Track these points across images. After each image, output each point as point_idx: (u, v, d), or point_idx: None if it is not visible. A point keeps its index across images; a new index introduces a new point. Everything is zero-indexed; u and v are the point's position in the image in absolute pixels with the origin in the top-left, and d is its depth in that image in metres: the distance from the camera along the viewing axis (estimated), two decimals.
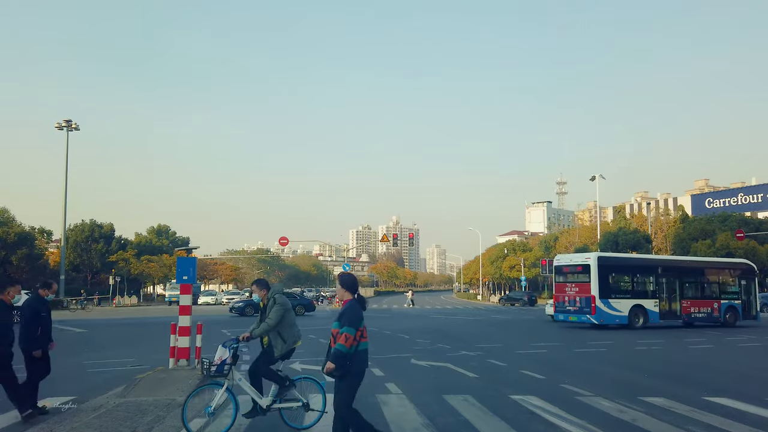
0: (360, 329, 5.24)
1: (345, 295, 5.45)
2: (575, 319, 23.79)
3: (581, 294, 23.50)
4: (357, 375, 5.27)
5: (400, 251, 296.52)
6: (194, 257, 30.02)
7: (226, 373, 6.62)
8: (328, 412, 6.67)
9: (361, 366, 5.30)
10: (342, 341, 5.11)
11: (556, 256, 27.76)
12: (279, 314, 6.89)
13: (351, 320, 5.17)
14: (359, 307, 5.35)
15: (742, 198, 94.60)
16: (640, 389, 9.59)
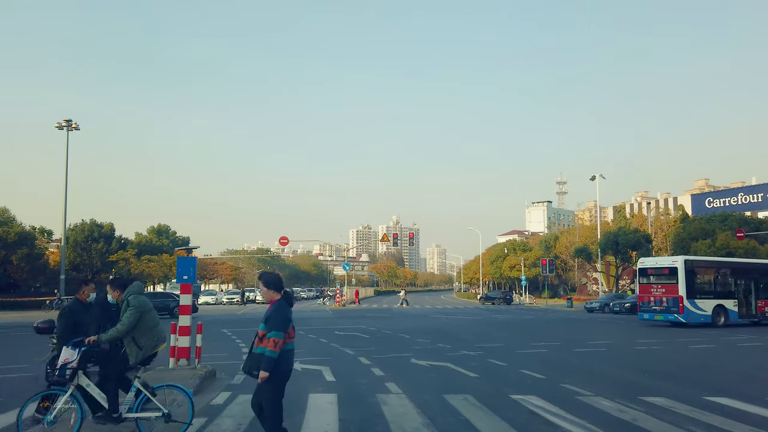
0: (288, 331, 5.15)
1: (272, 296, 5.31)
2: (661, 318, 25.11)
3: (668, 294, 24.92)
4: (282, 375, 5.19)
5: (401, 251, 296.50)
6: (194, 257, 30.01)
7: (69, 378, 6.08)
8: (194, 424, 6.51)
9: (286, 366, 5.22)
10: (271, 346, 5.01)
11: (641, 258, 29.38)
12: (131, 318, 6.40)
13: (278, 324, 5.07)
14: (287, 308, 5.25)
15: (742, 198, 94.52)
16: (641, 389, 9.58)
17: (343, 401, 8.45)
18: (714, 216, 66.47)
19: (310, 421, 7.18)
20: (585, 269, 75.35)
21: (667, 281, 24.98)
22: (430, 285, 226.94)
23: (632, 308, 37.98)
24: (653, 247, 61.10)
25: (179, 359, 10.55)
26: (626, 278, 62.79)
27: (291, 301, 5.34)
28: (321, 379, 10.55)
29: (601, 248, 57.79)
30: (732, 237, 53.60)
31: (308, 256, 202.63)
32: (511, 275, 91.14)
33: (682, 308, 24.18)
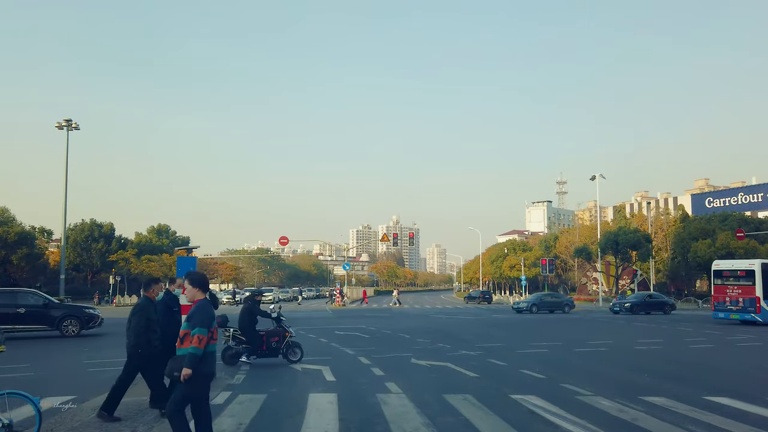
0: (212, 330, 5.07)
1: (196, 295, 5.21)
2: (737, 317, 26.45)
3: (744, 296, 26.51)
4: (202, 377, 5.05)
5: (401, 251, 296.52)
6: (194, 257, 29.97)
7: None
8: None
9: (207, 368, 5.08)
10: (196, 343, 4.93)
11: (715, 261, 30.66)
12: None
13: (202, 321, 4.99)
14: (210, 307, 5.18)
15: (742, 197, 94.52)
16: (641, 389, 9.59)
17: (343, 401, 8.45)
18: (714, 216, 66.48)
19: (310, 421, 7.19)
20: (585, 269, 75.30)
21: (744, 283, 26.49)
22: (430, 285, 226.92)
23: (632, 308, 38.01)
24: (653, 247, 61.09)
25: None
26: (626, 278, 62.75)
27: (216, 303, 5.18)
28: (321, 379, 10.56)
29: (601, 248, 57.76)
30: (732, 237, 53.60)
31: (308, 256, 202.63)
32: (511, 275, 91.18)
33: (759, 308, 25.79)
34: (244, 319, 12.49)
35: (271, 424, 7.15)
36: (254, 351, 12.47)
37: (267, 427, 7.03)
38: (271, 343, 12.52)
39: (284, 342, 12.62)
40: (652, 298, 40.70)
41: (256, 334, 12.47)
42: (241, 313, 12.61)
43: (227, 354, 12.32)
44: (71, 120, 51.62)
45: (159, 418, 7.23)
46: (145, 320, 7.23)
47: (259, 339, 12.47)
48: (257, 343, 12.46)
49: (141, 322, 7.21)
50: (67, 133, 51.53)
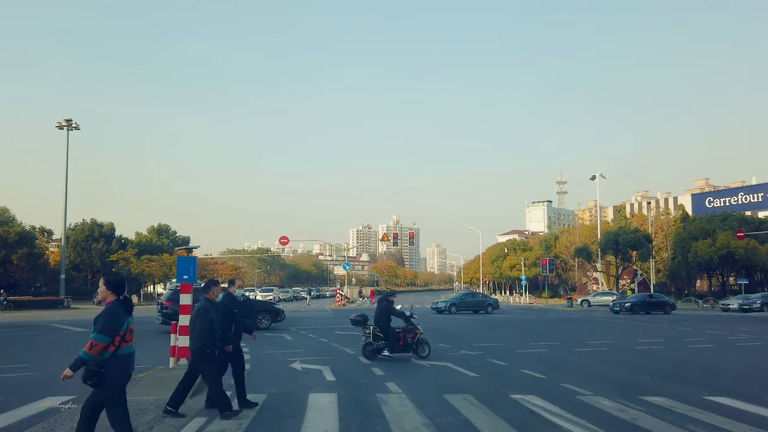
0: (120, 334, 4.88)
1: (108, 296, 5.04)
2: None
3: None
4: (113, 381, 4.88)
5: (401, 250, 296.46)
6: (194, 257, 29.90)
7: None
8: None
9: (119, 372, 4.91)
10: (87, 348, 4.74)
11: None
12: None
13: (104, 326, 4.80)
14: (121, 311, 4.97)
15: (742, 197, 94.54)
16: (641, 389, 9.59)
17: (343, 401, 8.45)
18: (714, 216, 66.48)
19: (310, 421, 7.18)
20: (585, 269, 75.31)
21: None
22: (430, 285, 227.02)
23: (632, 308, 38.00)
24: (653, 246, 61.08)
25: (179, 359, 10.55)
26: (626, 278, 62.72)
27: (129, 307, 5.05)
28: (321, 379, 10.56)
29: (601, 248, 57.77)
30: (732, 236, 53.59)
31: (308, 256, 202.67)
32: (511, 275, 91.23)
33: None
34: (381, 317, 13.38)
35: (272, 423, 7.14)
36: (392, 346, 13.27)
37: (267, 426, 7.02)
38: (407, 339, 13.41)
39: (415, 339, 13.49)
40: (652, 297, 40.62)
41: (392, 331, 13.33)
42: (377, 311, 13.51)
43: (368, 349, 13.32)
44: (71, 120, 51.69)
45: (161, 418, 7.23)
46: (208, 322, 7.31)
47: (396, 335, 13.32)
48: (394, 339, 13.28)
49: (205, 324, 7.28)
50: (67, 133, 51.59)
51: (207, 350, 7.28)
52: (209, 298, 7.64)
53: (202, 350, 7.27)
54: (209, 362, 7.33)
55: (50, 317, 32.57)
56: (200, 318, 7.31)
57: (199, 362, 7.40)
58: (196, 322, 7.33)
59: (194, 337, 7.36)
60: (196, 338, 7.31)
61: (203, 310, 7.37)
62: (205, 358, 7.29)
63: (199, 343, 7.28)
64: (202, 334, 7.25)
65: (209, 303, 7.55)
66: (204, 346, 7.26)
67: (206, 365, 7.34)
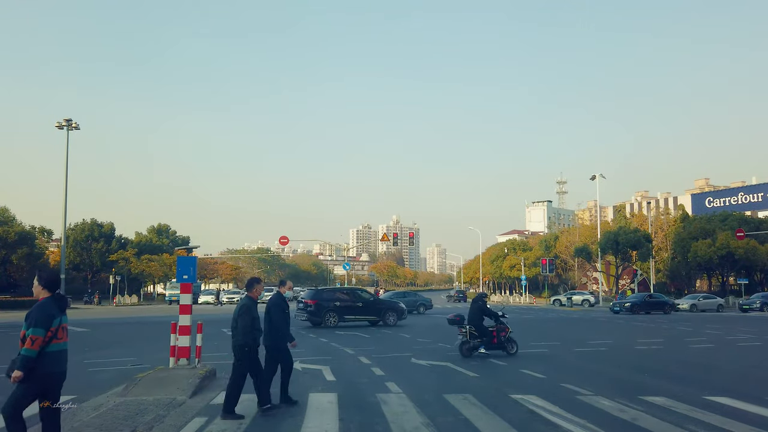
0: (52, 329, 4.81)
1: (40, 293, 4.98)
2: None
3: None
4: (41, 378, 4.79)
5: (401, 250, 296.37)
6: (194, 256, 29.91)
7: None
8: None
9: (48, 368, 4.82)
10: (28, 345, 4.68)
11: None
12: None
13: (38, 320, 4.75)
14: (53, 306, 4.90)
15: (742, 197, 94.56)
16: (641, 388, 9.59)
17: (343, 401, 8.45)
18: (714, 216, 66.47)
19: (310, 421, 7.18)
20: (585, 269, 75.34)
21: None
22: (431, 285, 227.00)
23: (632, 308, 38.00)
24: (653, 246, 61.06)
25: (179, 359, 10.53)
26: (626, 278, 62.73)
27: (63, 305, 4.99)
28: (321, 379, 10.55)
29: (601, 248, 57.74)
30: (732, 236, 53.59)
31: (308, 256, 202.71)
32: (511, 275, 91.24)
33: None
34: (476, 316, 13.99)
35: (272, 423, 7.14)
36: (488, 344, 13.95)
37: (267, 426, 7.02)
38: (500, 337, 14.13)
39: (506, 336, 14.24)
40: (652, 297, 40.61)
41: (486, 330, 14.02)
42: (472, 311, 14.17)
43: (465, 347, 13.94)
44: (71, 120, 51.61)
45: (159, 418, 7.22)
46: (250, 320, 7.37)
47: (490, 334, 14.00)
48: (489, 337, 13.95)
49: (248, 322, 7.34)
50: (67, 133, 51.52)
51: (247, 347, 7.36)
52: (251, 296, 7.71)
53: (243, 347, 7.36)
54: (250, 359, 7.41)
55: None
56: (243, 316, 7.38)
57: (241, 359, 7.46)
58: (239, 320, 7.40)
59: (236, 335, 7.45)
60: (238, 336, 7.40)
61: (246, 308, 7.44)
62: (246, 355, 7.38)
63: (240, 341, 7.36)
64: (244, 332, 7.34)
65: (251, 301, 7.62)
66: (245, 344, 7.35)
67: (247, 362, 7.42)
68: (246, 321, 7.34)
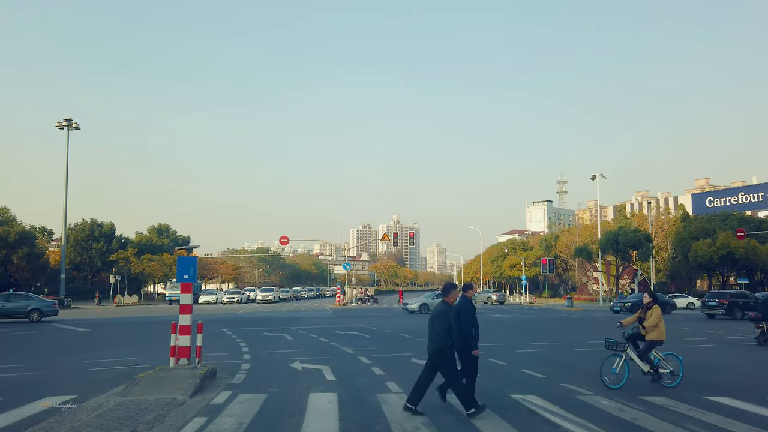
0: None
1: None
2: None
3: None
4: None
5: (401, 250, 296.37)
6: (195, 256, 29.92)
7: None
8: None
9: None
10: None
11: None
12: None
13: None
14: None
15: (742, 197, 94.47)
16: (641, 388, 9.60)
17: (343, 401, 8.45)
18: (714, 215, 66.44)
19: (311, 421, 7.18)
20: (585, 269, 75.27)
21: None
22: (431, 284, 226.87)
23: (632, 308, 37.95)
24: (654, 246, 61.05)
25: (179, 358, 10.54)
26: (626, 278, 62.70)
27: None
28: (321, 379, 10.56)
29: (601, 248, 57.71)
30: (732, 236, 53.56)
31: (308, 256, 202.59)
32: (512, 274, 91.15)
33: None
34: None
35: (272, 423, 7.14)
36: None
37: (267, 426, 7.02)
38: None
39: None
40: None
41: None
42: None
43: (762, 338, 17.04)
44: (71, 120, 51.70)
45: (159, 418, 7.22)
46: (447, 324, 7.45)
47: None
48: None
49: (444, 326, 7.42)
50: (68, 133, 51.58)
51: (446, 351, 7.44)
52: (447, 301, 7.77)
53: (442, 351, 7.43)
54: (448, 362, 7.48)
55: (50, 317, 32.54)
56: (439, 319, 7.46)
57: (438, 362, 7.53)
58: (436, 324, 7.47)
59: (433, 338, 7.51)
60: (436, 339, 7.47)
61: (442, 312, 7.54)
62: (445, 359, 7.44)
63: (439, 344, 7.43)
64: (441, 336, 7.40)
65: (447, 306, 7.70)
66: (444, 347, 7.42)
67: (446, 365, 7.48)
68: (443, 325, 7.42)
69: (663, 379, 9.92)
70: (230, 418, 7.33)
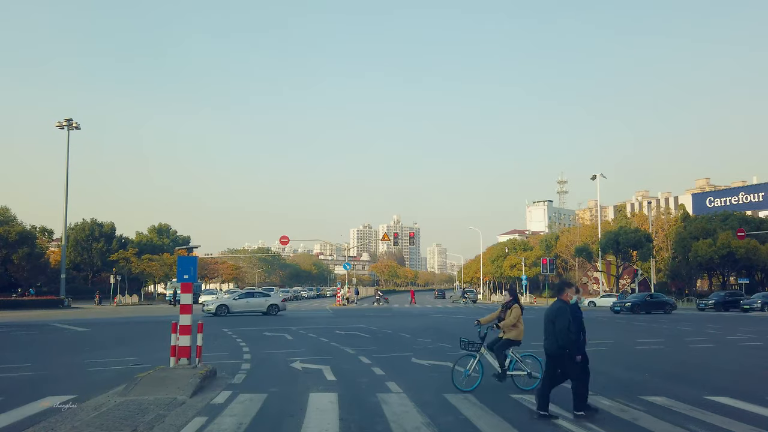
0: None
1: None
2: None
3: None
4: None
5: (401, 250, 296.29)
6: (195, 256, 29.87)
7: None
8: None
9: None
10: None
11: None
12: None
13: None
14: None
15: (742, 197, 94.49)
16: (641, 388, 9.58)
17: (343, 400, 8.44)
18: (715, 215, 66.45)
19: (311, 421, 7.18)
20: (586, 268, 75.29)
21: None
22: (431, 284, 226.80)
23: (633, 307, 37.96)
24: (654, 246, 61.02)
25: (180, 358, 10.54)
26: (627, 277, 62.69)
27: None
28: (321, 379, 10.55)
29: (601, 247, 57.70)
30: (733, 236, 53.56)
31: (309, 256, 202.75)
32: (512, 274, 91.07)
33: None
34: None
35: (272, 423, 7.14)
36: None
37: (268, 426, 7.02)
38: None
39: None
40: (653, 297, 40.48)
41: None
42: None
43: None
44: (72, 119, 51.72)
45: (160, 417, 7.22)
46: (567, 322, 7.42)
47: None
48: None
49: (564, 325, 7.39)
50: (68, 133, 51.59)
51: (567, 350, 7.39)
52: (564, 299, 7.73)
53: (562, 350, 7.39)
54: (570, 361, 7.43)
55: (51, 317, 32.57)
56: (559, 318, 7.43)
57: (559, 362, 7.48)
58: (555, 323, 7.44)
59: (553, 337, 7.47)
60: (557, 338, 7.41)
61: (561, 311, 7.50)
62: (566, 358, 7.41)
63: (561, 342, 7.39)
64: (562, 335, 7.37)
65: (565, 304, 7.65)
66: (564, 346, 7.38)
67: (568, 364, 7.44)
68: (563, 324, 7.38)
69: (518, 382, 9.40)
70: (230, 418, 7.33)
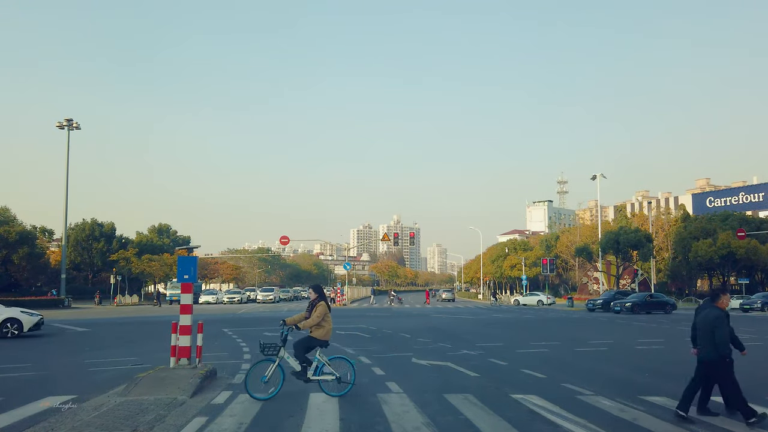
0: None
1: None
2: None
3: None
4: None
5: (401, 250, 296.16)
6: (195, 256, 29.85)
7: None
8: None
9: None
10: None
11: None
12: None
13: None
14: None
15: (743, 197, 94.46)
16: (641, 388, 9.58)
17: (343, 401, 8.44)
18: (715, 215, 66.43)
19: (311, 421, 7.18)
20: (586, 269, 75.25)
21: None
22: (431, 284, 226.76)
23: (633, 308, 37.94)
24: (654, 246, 61.00)
25: (180, 358, 10.54)
26: (627, 278, 62.67)
27: None
28: None
29: (602, 247, 57.69)
30: (733, 236, 53.54)
31: (309, 256, 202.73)
32: (512, 274, 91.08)
33: None
34: None
35: (272, 423, 7.13)
36: None
37: (268, 426, 7.02)
38: None
39: None
40: (653, 297, 40.46)
41: None
42: None
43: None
44: (72, 119, 51.76)
45: (160, 417, 7.22)
46: (727, 331, 7.38)
47: None
48: None
49: (725, 332, 7.34)
50: (68, 133, 51.63)
51: (727, 358, 7.32)
52: (719, 306, 7.63)
53: (723, 359, 7.30)
54: (729, 370, 7.34)
55: (51, 317, 32.56)
56: (720, 326, 7.34)
57: (717, 371, 7.37)
58: (716, 331, 7.34)
59: (714, 345, 7.36)
60: (718, 346, 7.32)
61: (721, 318, 7.42)
62: (726, 366, 7.31)
63: (722, 350, 7.30)
64: (723, 342, 7.29)
65: (722, 311, 7.56)
66: (725, 354, 7.31)
67: (727, 373, 7.34)
68: (724, 331, 7.30)
69: (326, 387, 8.68)
70: (231, 418, 7.33)
